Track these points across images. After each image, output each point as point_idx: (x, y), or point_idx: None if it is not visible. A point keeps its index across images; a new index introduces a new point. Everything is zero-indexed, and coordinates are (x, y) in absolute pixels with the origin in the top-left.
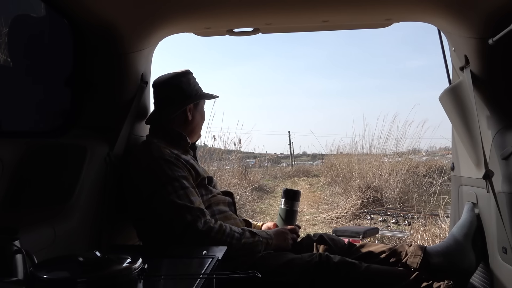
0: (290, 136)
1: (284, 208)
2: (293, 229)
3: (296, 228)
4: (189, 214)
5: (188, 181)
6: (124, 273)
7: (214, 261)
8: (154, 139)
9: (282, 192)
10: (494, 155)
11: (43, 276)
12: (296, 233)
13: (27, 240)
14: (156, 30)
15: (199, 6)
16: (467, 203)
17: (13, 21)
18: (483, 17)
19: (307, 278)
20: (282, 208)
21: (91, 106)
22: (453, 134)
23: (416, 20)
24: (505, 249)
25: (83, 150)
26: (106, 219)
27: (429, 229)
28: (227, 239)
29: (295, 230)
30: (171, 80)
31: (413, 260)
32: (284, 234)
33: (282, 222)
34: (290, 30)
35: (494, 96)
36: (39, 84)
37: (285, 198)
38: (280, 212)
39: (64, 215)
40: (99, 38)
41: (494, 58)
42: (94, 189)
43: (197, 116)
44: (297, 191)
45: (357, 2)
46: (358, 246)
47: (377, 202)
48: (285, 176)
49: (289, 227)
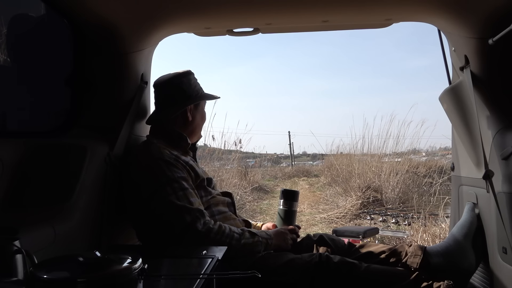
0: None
1: (283, 208)
2: (292, 229)
3: (295, 228)
4: (188, 215)
5: (188, 182)
6: (124, 273)
7: (214, 261)
8: (154, 140)
9: (280, 193)
10: (494, 155)
11: (43, 276)
12: (295, 233)
13: (27, 240)
14: (156, 30)
15: (199, 6)
16: (468, 203)
17: (14, 21)
18: (483, 17)
19: (307, 278)
20: (281, 208)
21: (91, 106)
22: (453, 134)
23: (416, 20)
24: (505, 249)
25: (83, 150)
26: (106, 219)
27: (429, 229)
28: (227, 239)
29: (295, 230)
30: (172, 80)
31: (413, 260)
32: (283, 234)
33: (281, 222)
34: (290, 30)
35: (494, 96)
36: (39, 84)
37: (283, 199)
38: (279, 212)
39: (64, 215)
40: (99, 38)
41: (494, 58)
42: (94, 189)
43: (198, 117)
44: (295, 191)
45: (357, 2)
46: (358, 247)
47: (377, 202)
48: (285, 176)
49: (289, 227)
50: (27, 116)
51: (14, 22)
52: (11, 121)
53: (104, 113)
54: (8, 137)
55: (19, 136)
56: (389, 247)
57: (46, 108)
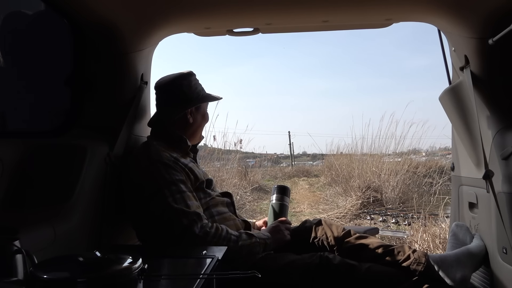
0: (290, 136)
1: (277, 202)
2: (283, 220)
3: (286, 219)
4: (185, 218)
5: (186, 185)
6: (124, 273)
7: (214, 261)
8: (154, 141)
9: (274, 188)
10: (494, 155)
11: (43, 276)
12: (287, 223)
13: (27, 240)
14: (156, 30)
15: (199, 6)
16: (476, 235)
17: (14, 20)
18: (483, 17)
19: (307, 280)
20: (276, 202)
21: (91, 106)
22: (453, 134)
23: (416, 20)
24: (505, 249)
25: (83, 150)
26: (106, 219)
27: (429, 229)
28: (224, 242)
29: (286, 220)
30: (173, 82)
31: (416, 268)
32: (277, 227)
33: (275, 216)
34: (290, 30)
35: (494, 96)
36: (39, 84)
37: (278, 193)
38: (274, 206)
39: (64, 215)
40: (99, 38)
41: (494, 58)
42: (94, 189)
43: (199, 119)
44: (287, 187)
45: (357, 2)
46: (356, 237)
47: (377, 202)
48: (285, 176)
49: (279, 219)
50: (27, 116)
51: (15, 22)
52: (11, 121)
53: (104, 113)
54: (8, 137)
55: (19, 136)
56: (387, 244)
57: (46, 108)
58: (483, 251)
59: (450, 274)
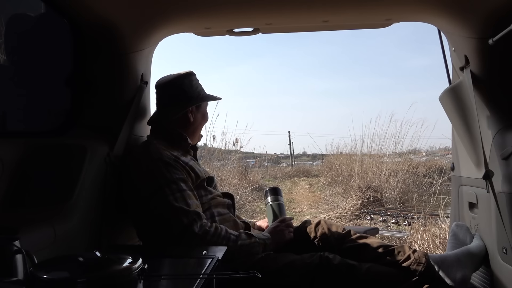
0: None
1: (275, 203)
2: (282, 219)
3: (285, 218)
4: (185, 217)
5: (186, 184)
6: (124, 273)
7: (214, 261)
8: (154, 140)
9: (267, 190)
10: (494, 155)
11: (43, 276)
12: (288, 221)
13: (27, 240)
14: (156, 30)
15: (199, 6)
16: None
17: (14, 21)
18: (483, 17)
19: (308, 280)
20: (273, 203)
21: (91, 106)
22: (453, 134)
23: (416, 20)
24: (505, 249)
25: (83, 150)
26: (106, 219)
27: (429, 229)
28: (223, 241)
29: (286, 218)
30: (174, 81)
31: (416, 268)
32: (277, 228)
33: (275, 216)
34: (290, 30)
35: (494, 96)
36: (39, 84)
37: (272, 195)
38: (272, 207)
39: (64, 214)
40: (99, 38)
41: (494, 58)
42: (94, 189)
43: (199, 118)
44: (278, 187)
45: (357, 2)
46: (356, 237)
47: (377, 202)
48: (285, 176)
49: (279, 219)
50: (27, 116)
51: (15, 22)
52: (11, 121)
53: (104, 113)
54: (8, 137)
55: (19, 136)
56: (387, 244)
57: (46, 108)
58: (483, 251)
59: (450, 274)
